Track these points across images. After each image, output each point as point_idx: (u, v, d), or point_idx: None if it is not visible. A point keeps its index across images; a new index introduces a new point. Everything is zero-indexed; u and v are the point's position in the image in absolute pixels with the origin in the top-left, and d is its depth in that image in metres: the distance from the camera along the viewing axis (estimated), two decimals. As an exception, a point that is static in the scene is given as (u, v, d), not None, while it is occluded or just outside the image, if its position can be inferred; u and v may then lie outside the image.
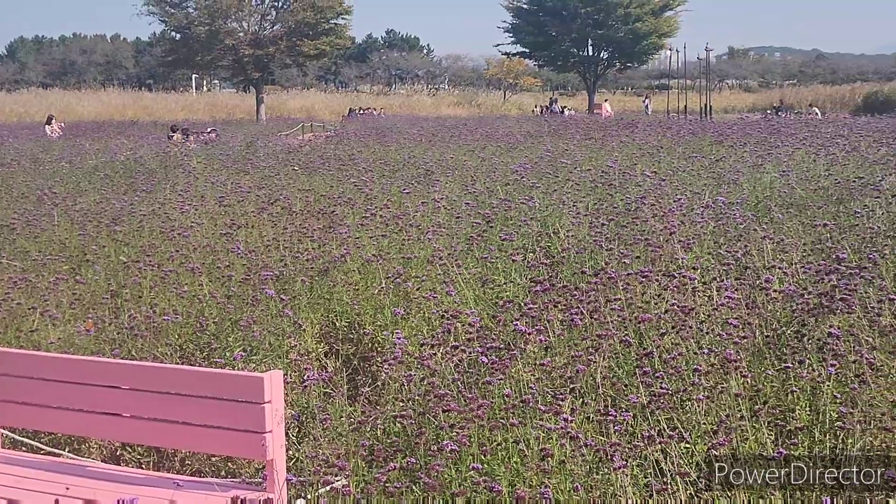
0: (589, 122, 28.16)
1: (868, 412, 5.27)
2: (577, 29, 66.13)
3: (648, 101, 58.84)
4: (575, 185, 12.46)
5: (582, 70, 70.46)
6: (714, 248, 8.93)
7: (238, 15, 57.64)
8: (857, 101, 62.63)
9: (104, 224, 11.52)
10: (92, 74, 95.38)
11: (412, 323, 7.84)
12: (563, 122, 29.90)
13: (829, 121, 26.54)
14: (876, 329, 6.37)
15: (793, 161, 14.88)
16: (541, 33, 68.20)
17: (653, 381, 5.62)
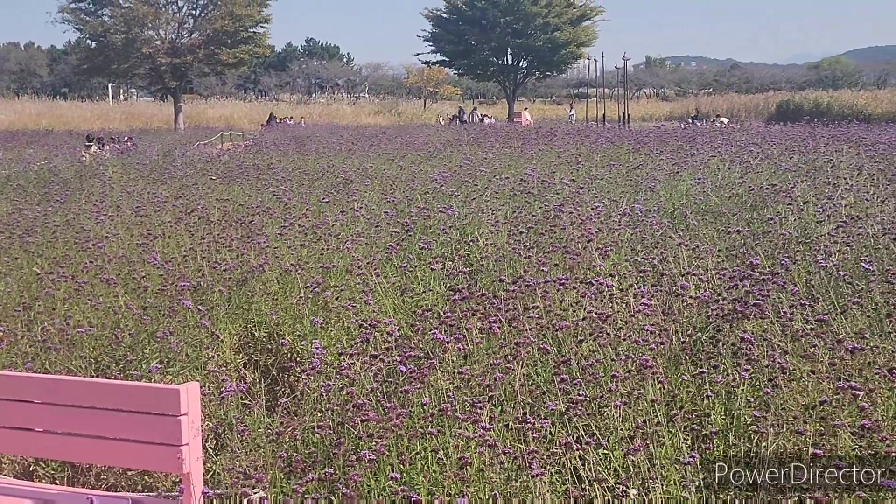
0: (508, 131, 28.29)
1: (781, 415, 5.34)
2: (496, 38, 66.39)
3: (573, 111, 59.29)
4: (494, 194, 12.51)
5: (501, 79, 70.76)
6: (631, 255, 9.02)
7: (155, 23, 56.93)
8: (771, 110, 63.70)
9: (17, 235, 11.30)
10: (5, 83, 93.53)
11: (331, 333, 7.80)
12: (483, 130, 30.00)
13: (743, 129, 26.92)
14: (788, 334, 6.48)
15: (708, 169, 15.10)
16: (460, 42, 68.39)
17: (570, 388, 5.66)
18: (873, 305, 7.26)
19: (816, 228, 9.94)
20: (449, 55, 70.92)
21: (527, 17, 65.14)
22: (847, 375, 5.78)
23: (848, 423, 5.18)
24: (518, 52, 68.56)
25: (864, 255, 8.56)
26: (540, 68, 71.06)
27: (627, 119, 50.62)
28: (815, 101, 60.57)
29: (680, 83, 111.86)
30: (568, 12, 66.78)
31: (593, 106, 57.64)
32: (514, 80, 70.45)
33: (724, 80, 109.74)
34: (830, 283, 7.88)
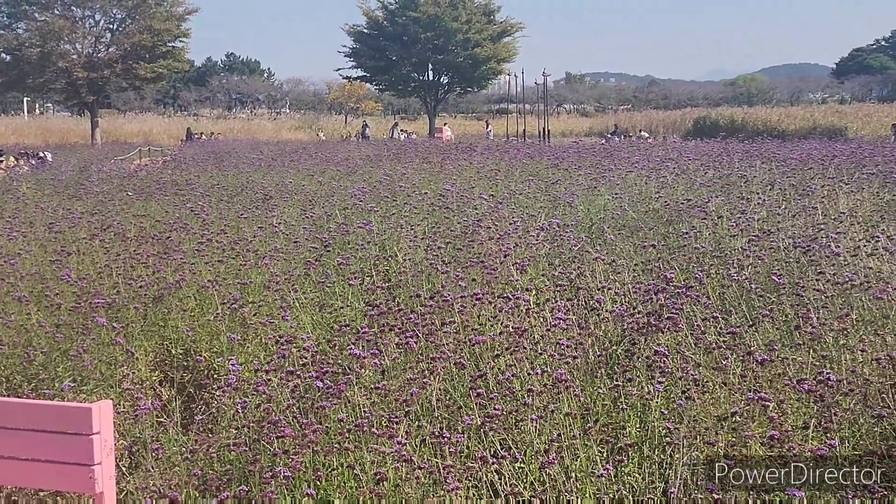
0: (428, 146, 28.33)
1: (693, 427, 5.41)
2: (417, 53, 66.52)
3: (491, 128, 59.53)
4: (413, 209, 12.53)
5: (423, 94, 70.88)
6: (548, 270, 9.08)
7: (71, 37, 56.04)
8: (688, 126, 64.50)
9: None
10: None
11: (249, 349, 7.75)
12: (403, 146, 30.02)
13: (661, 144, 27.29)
14: (701, 346, 6.58)
15: (625, 184, 15.26)
16: (381, 57, 68.37)
17: (487, 403, 5.69)
18: (784, 318, 7.40)
19: (730, 242, 10.11)
20: (370, 71, 70.85)
21: (447, 33, 65.35)
22: (758, 387, 5.89)
23: (758, 433, 5.27)
24: (439, 67, 68.74)
25: (776, 269, 8.72)
26: (461, 84, 71.29)
27: (547, 134, 50.96)
28: (731, 117, 61.46)
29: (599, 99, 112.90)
30: (488, 28, 67.12)
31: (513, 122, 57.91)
32: (436, 96, 70.61)
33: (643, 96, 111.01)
34: (743, 296, 8.02)
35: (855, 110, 63.43)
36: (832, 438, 5.21)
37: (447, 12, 65.05)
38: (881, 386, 5.95)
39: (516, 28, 69.58)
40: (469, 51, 66.09)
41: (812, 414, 5.63)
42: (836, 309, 7.33)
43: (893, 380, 6.06)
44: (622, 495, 5.15)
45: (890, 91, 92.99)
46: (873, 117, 55.38)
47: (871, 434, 5.69)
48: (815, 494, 4.88)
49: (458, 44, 66.00)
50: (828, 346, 6.68)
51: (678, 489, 5.00)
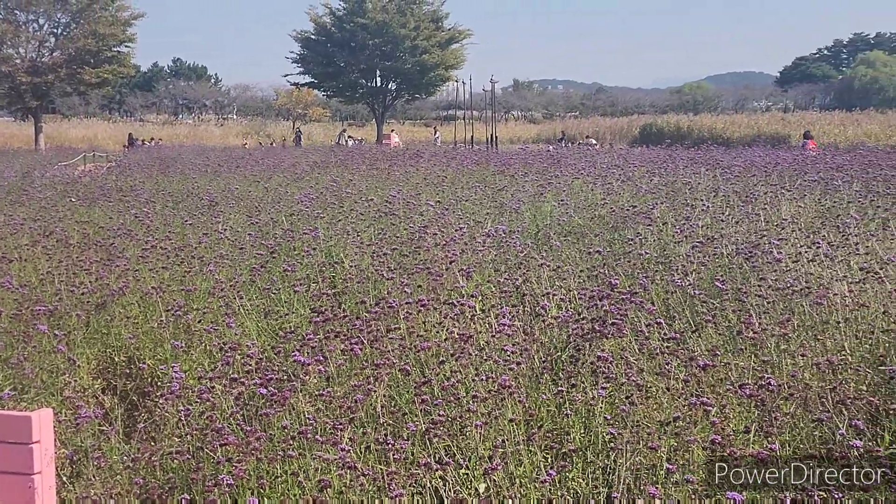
0: (376, 153, 28.31)
1: (637, 432, 5.44)
2: (365, 60, 66.51)
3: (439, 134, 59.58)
4: (359, 216, 12.51)
5: (370, 101, 70.88)
6: (494, 276, 9.10)
7: (14, 41, 55.40)
8: (635, 133, 65.06)
9: None
10: None
11: (193, 356, 7.70)
12: (350, 152, 29.97)
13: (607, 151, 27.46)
14: (645, 352, 6.63)
15: (572, 190, 15.34)
16: (329, 64, 68.31)
17: (431, 409, 5.69)
18: (727, 323, 7.47)
19: (674, 249, 10.19)
20: (318, 77, 70.77)
21: (395, 39, 65.42)
22: (700, 392, 5.94)
23: (701, 437, 5.32)
24: (387, 74, 68.80)
25: (719, 275, 8.81)
26: (409, 91, 71.39)
27: (495, 141, 51.10)
28: (677, 124, 62.10)
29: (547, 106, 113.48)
30: (437, 35, 67.30)
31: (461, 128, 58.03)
32: (383, 103, 70.63)
33: (591, 103, 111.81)
34: (686, 301, 8.08)
35: (798, 118, 64.22)
36: (773, 442, 5.26)
37: (395, 19, 65.14)
38: (820, 390, 6.02)
39: (464, 35, 69.83)
40: (417, 57, 66.21)
41: (753, 418, 5.69)
42: (777, 314, 7.41)
43: (833, 384, 6.14)
44: (566, 500, 5.17)
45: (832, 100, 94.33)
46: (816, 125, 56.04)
47: (810, 437, 5.76)
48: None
49: (406, 50, 66.09)
50: (769, 351, 6.76)
51: (621, 494, 5.02)
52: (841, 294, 7.73)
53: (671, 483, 5.03)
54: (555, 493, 5.20)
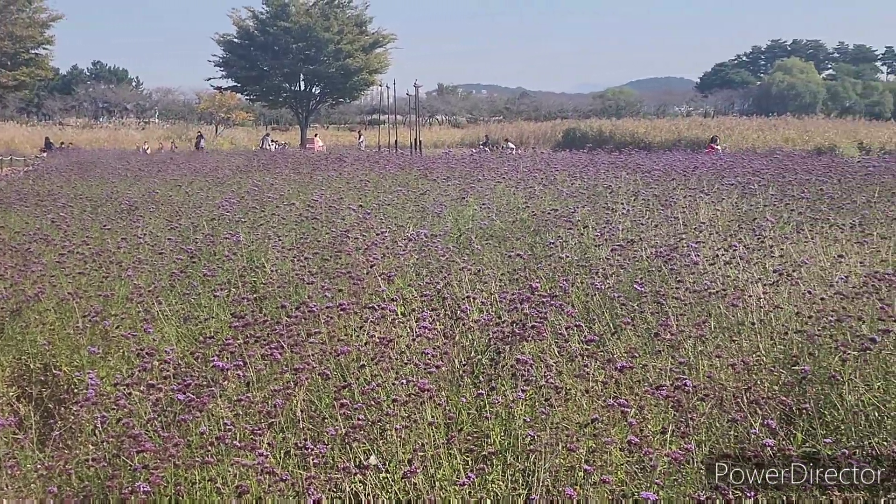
0: (299, 157, 28.18)
1: (556, 434, 5.48)
2: (288, 64, 66.26)
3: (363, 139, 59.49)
4: (281, 220, 12.45)
5: (294, 105, 70.59)
6: (416, 280, 9.11)
7: (-72, 43, 54.40)
8: (558, 137, 65.55)
9: None
10: None
11: (110, 363, 7.60)
12: (273, 156, 29.81)
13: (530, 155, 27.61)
14: (564, 354, 6.67)
15: (494, 194, 15.40)
16: (252, 68, 67.96)
17: (351, 413, 5.67)
18: (645, 325, 7.56)
19: (595, 252, 10.27)
20: (241, 81, 70.35)
21: (319, 43, 65.26)
22: (619, 393, 6.00)
23: (618, 438, 5.37)
24: (311, 78, 68.61)
25: (638, 278, 8.90)
26: (333, 95, 71.31)
27: (420, 145, 51.19)
28: (600, 128, 62.71)
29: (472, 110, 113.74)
30: (360, 39, 67.29)
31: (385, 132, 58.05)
32: (307, 107, 70.41)
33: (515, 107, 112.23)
34: (606, 304, 8.16)
35: (718, 123, 65.15)
36: (689, 442, 5.33)
37: (319, 23, 64.99)
38: (736, 390, 6.12)
39: (388, 39, 69.92)
40: (341, 61, 66.12)
41: (670, 419, 5.75)
42: (694, 316, 7.51)
43: (747, 384, 6.24)
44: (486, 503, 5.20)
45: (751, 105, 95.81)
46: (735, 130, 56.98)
47: (726, 437, 5.84)
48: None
49: (329, 54, 65.97)
50: (686, 353, 6.85)
51: (540, 496, 5.06)
52: (756, 296, 7.86)
53: (589, 484, 5.07)
54: (475, 496, 5.22)
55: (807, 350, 6.84)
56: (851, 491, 4.88)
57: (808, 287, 8.23)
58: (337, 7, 67.26)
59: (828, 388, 6.36)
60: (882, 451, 5.39)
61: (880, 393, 6.20)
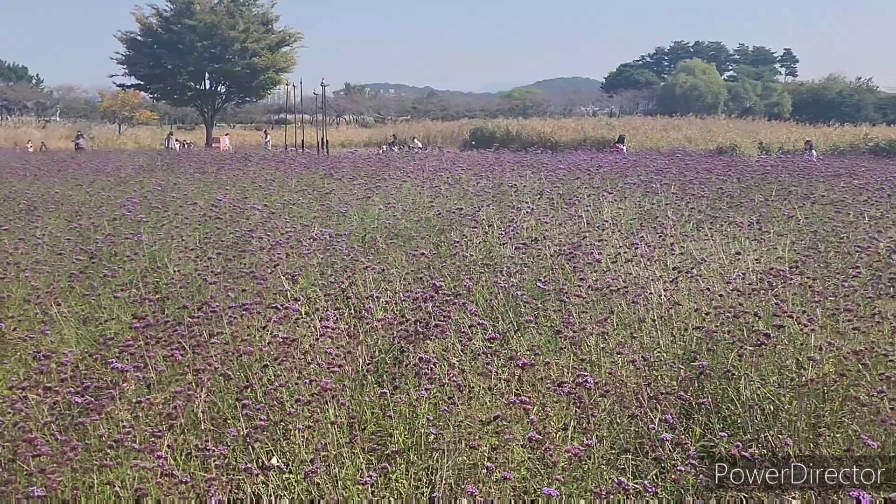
0: (204, 157, 27.88)
1: (458, 432, 5.51)
2: (193, 62, 65.43)
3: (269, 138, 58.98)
4: (185, 220, 12.29)
5: (199, 104, 69.73)
6: (320, 280, 9.08)
7: None
8: (466, 136, 65.68)
9: None
10: None
11: (7, 366, 7.43)
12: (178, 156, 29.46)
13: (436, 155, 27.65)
14: (468, 352, 6.70)
15: (400, 194, 15.41)
16: (157, 66, 66.94)
17: (253, 413, 5.63)
18: (548, 323, 7.62)
19: (499, 250, 10.33)
20: (144, 79, 69.22)
21: (225, 41, 64.57)
22: (522, 391, 6.05)
23: (520, 436, 5.41)
24: (216, 76, 67.83)
25: (542, 275, 8.97)
26: (239, 93, 70.58)
27: (327, 145, 50.98)
28: (507, 128, 62.95)
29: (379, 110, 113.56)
30: (266, 38, 66.73)
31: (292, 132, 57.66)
32: (213, 106, 69.59)
33: (422, 107, 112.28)
34: (510, 302, 8.21)
35: (623, 123, 65.93)
36: (590, 438, 5.39)
37: (224, 21, 64.29)
38: (636, 386, 6.21)
39: (295, 38, 69.41)
40: (247, 60, 65.51)
41: (572, 415, 5.81)
42: (596, 314, 7.60)
43: (648, 380, 6.34)
44: (389, 502, 5.20)
45: (655, 105, 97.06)
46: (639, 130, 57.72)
47: (627, 432, 5.92)
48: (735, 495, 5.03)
49: (235, 53, 65.31)
50: (588, 350, 6.93)
51: (443, 493, 5.07)
52: (657, 293, 7.98)
53: (492, 481, 5.10)
54: (378, 495, 5.22)
55: (705, 346, 6.97)
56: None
57: (707, 284, 8.38)
58: (243, 5, 66.62)
59: (725, 382, 6.49)
60: (776, 444, 5.52)
61: (775, 387, 6.34)
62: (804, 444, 5.70)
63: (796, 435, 5.77)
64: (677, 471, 4.96)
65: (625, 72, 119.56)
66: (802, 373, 6.22)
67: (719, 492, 4.95)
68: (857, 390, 6.03)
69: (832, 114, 78.90)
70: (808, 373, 6.18)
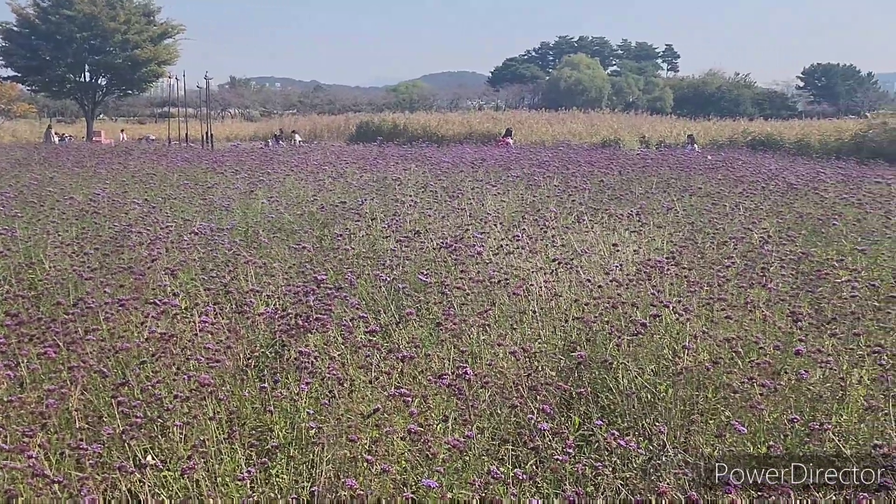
0: (84, 150, 27.32)
1: (339, 425, 5.49)
2: (72, 54, 63.92)
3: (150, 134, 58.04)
4: (61, 215, 12.03)
5: (80, 96, 68.20)
6: (201, 274, 8.96)
7: None
8: (352, 130, 65.40)
9: None
10: None
11: None
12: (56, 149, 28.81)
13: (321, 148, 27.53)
14: (349, 345, 6.69)
15: (284, 188, 15.30)
16: (34, 57, 65.18)
17: (130, 411, 5.54)
18: (430, 316, 7.64)
19: (382, 244, 10.33)
20: (21, 71, 67.36)
21: (105, 33, 63.23)
22: (402, 383, 6.06)
23: (400, 428, 5.41)
24: (96, 69, 66.35)
25: (424, 268, 9.00)
26: (120, 86, 69.16)
27: (211, 139, 50.39)
28: (393, 122, 62.86)
29: (265, 103, 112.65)
30: (148, 29, 65.54)
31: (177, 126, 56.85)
32: (93, 99, 68.10)
33: (309, 100, 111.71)
34: (392, 295, 8.21)
35: (508, 117, 66.35)
36: (470, 430, 5.41)
37: (104, 12, 62.95)
38: (517, 377, 6.26)
39: (177, 30, 68.29)
40: (128, 52, 64.25)
41: (453, 407, 5.84)
42: (478, 306, 7.64)
43: (528, 371, 6.40)
44: (268, 498, 5.16)
45: (540, 99, 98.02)
46: (525, 124, 58.18)
47: (507, 423, 5.97)
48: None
49: (116, 44, 64.00)
50: (469, 342, 6.96)
51: (323, 487, 5.05)
52: (538, 284, 8.06)
53: (373, 474, 5.09)
54: (257, 491, 5.18)
55: (584, 336, 7.05)
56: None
57: (587, 275, 8.49)
58: (124, -4, 65.45)
59: (604, 372, 6.59)
60: (652, 431, 5.62)
61: (652, 375, 6.46)
62: (679, 430, 5.81)
63: (671, 422, 5.88)
64: (555, 460, 5.01)
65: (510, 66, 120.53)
66: (678, 361, 6.34)
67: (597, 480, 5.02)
68: (730, 377, 6.18)
69: (712, 108, 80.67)
70: (683, 361, 6.30)
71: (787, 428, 5.56)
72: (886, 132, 38.24)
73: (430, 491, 4.78)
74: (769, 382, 5.86)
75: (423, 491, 4.85)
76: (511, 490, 4.84)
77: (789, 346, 6.53)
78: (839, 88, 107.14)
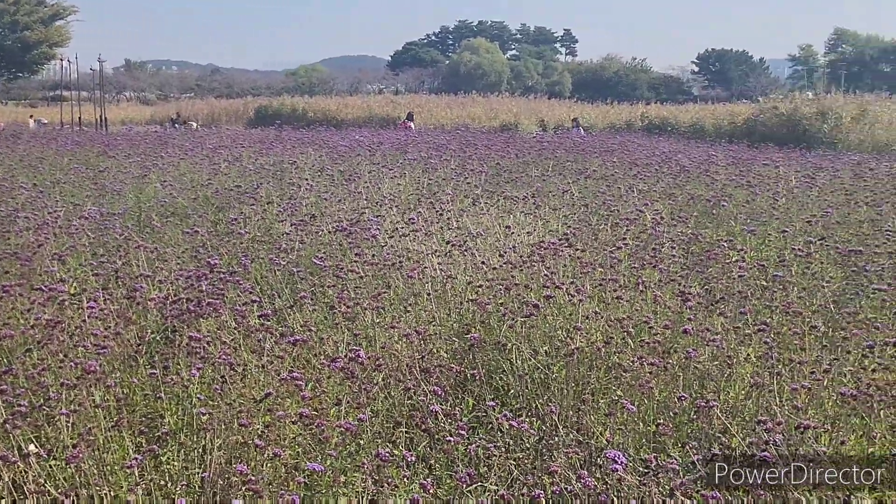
0: (-30, 135, 26.62)
1: (230, 411, 5.43)
2: (-41, 35, 62.41)
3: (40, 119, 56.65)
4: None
5: (-33, 79, 66.57)
6: (91, 260, 8.79)
7: None
8: (250, 114, 64.75)
9: None
10: None
11: None
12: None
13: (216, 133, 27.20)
14: (241, 330, 6.61)
15: (178, 172, 15.09)
16: (-82, 39, 63.55)
17: (13, 400, 5.40)
18: (325, 299, 7.60)
19: (278, 227, 10.25)
20: None
21: (-7, 14, 61.80)
22: (294, 367, 6.02)
23: (293, 412, 5.37)
24: (-16, 50, 64.85)
25: (320, 252, 8.95)
26: (9, 68, 67.68)
27: (105, 122, 49.44)
28: (292, 106, 62.33)
29: (162, 87, 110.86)
30: (39, 11, 64.26)
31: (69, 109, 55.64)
32: (-18, 81, 66.52)
33: (206, 84, 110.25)
34: (286, 279, 8.15)
35: (408, 101, 66.29)
36: (364, 413, 5.39)
37: (-8, -8, 61.51)
38: (411, 360, 6.26)
39: (69, 11, 67.11)
40: (18, 34, 62.91)
41: (346, 391, 5.81)
42: (372, 289, 7.62)
43: (422, 353, 6.40)
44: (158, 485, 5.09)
45: (440, 83, 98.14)
46: (425, 108, 58.15)
47: (401, 406, 5.96)
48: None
49: (5, 26, 62.65)
50: (363, 325, 6.94)
51: (213, 473, 4.99)
52: (432, 267, 8.06)
53: (263, 459, 5.05)
54: (146, 478, 5.10)
55: (478, 318, 7.08)
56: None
57: (481, 257, 8.52)
58: (13, -24, 63.96)
59: (498, 353, 6.62)
60: (544, 412, 5.66)
61: (545, 356, 6.50)
62: (571, 410, 5.86)
63: (563, 403, 5.93)
64: (447, 441, 5.01)
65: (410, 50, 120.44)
66: (570, 342, 6.39)
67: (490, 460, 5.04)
68: (621, 357, 6.25)
69: (610, 93, 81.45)
70: (575, 342, 6.36)
71: (675, 406, 5.65)
72: (776, 116, 39.01)
73: (322, 475, 4.76)
74: (658, 361, 5.95)
75: (316, 476, 4.82)
76: (403, 472, 4.84)
77: (679, 325, 6.62)
78: (732, 73, 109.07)
